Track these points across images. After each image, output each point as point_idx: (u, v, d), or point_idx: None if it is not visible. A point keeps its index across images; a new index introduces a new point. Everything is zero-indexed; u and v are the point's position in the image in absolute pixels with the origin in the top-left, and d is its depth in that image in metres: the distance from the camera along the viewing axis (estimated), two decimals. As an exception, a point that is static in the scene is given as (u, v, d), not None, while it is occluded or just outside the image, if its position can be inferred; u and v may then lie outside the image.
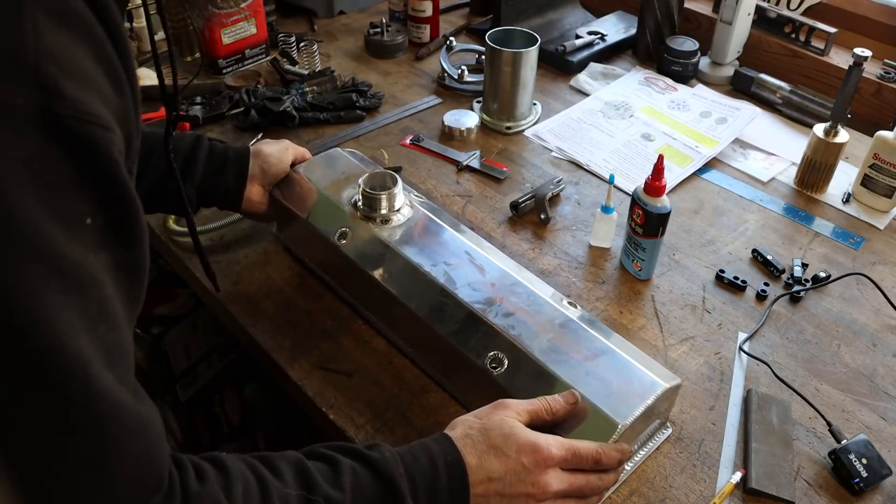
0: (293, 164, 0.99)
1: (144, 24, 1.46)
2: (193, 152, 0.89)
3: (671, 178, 1.19)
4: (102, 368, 0.44)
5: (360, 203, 0.91)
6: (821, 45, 1.40)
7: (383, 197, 0.89)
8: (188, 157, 0.89)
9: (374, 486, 0.59)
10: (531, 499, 0.64)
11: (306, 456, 0.60)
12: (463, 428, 0.66)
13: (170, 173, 0.81)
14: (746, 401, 0.85)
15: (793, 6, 1.46)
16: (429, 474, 0.61)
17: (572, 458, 0.66)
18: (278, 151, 0.96)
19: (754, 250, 1.06)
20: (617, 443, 0.69)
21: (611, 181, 1.01)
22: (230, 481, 0.53)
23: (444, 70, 1.43)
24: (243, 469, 0.55)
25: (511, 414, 0.68)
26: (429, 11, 1.54)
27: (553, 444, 0.66)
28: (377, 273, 0.87)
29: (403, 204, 0.92)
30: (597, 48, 1.52)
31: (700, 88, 1.43)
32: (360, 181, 0.90)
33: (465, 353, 0.79)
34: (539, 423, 0.69)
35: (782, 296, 0.99)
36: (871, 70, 1.32)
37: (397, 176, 0.91)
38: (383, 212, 0.90)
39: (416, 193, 0.98)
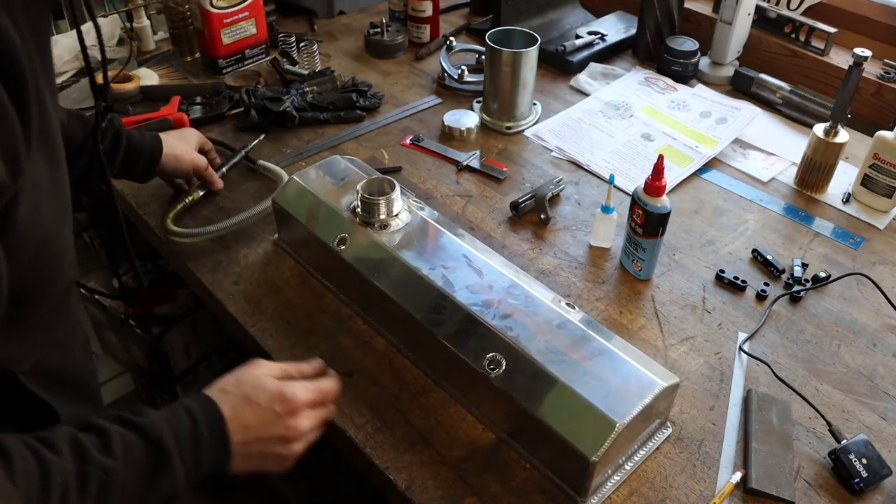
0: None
1: (145, 23, 1.46)
2: (114, 147, 0.98)
3: (671, 178, 1.19)
4: None
5: (358, 209, 0.92)
6: (821, 45, 1.40)
7: (381, 202, 0.90)
8: (109, 151, 0.97)
9: (142, 449, 0.62)
10: (286, 441, 0.71)
11: (79, 429, 0.62)
12: (218, 385, 0.72)
13: (98, 163, 0.85)
14: (746, 401, 0.85)
15: (793, 6, 1.46)
16: (190, 430, 0.66)
17: (318, 398, 0.75)
18: (185, 153, 1.06)
19: (754, 250, 1.06)
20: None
21: (611, 181, 1.01)
22: (12, 465, 0.55)
23: (444, 70, 1.43)
24: (21, 450, 0.57)
25: (262, 368, 0.74)
26: (429, 11, 1.54)
27: (299, 389, 0.73)
28: (376, 278, 0.87)
29: (401, 209, 0.92)
30: (597, 48, 1.52)
31: (700, 88, 1.43)
32: (359, 187, 0.91)
33: (464, 356, 0.79)
34: (288, 379, 0.75)
35: (782, 296, 0.99)
36: (871, 70, 1.32)
37: (395, 181, 0.91)
38: (382, 217, 0.91)
39: (414, 198, 0.98)
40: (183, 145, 1.06)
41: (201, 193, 1.11)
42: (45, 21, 0.62)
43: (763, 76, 1.40)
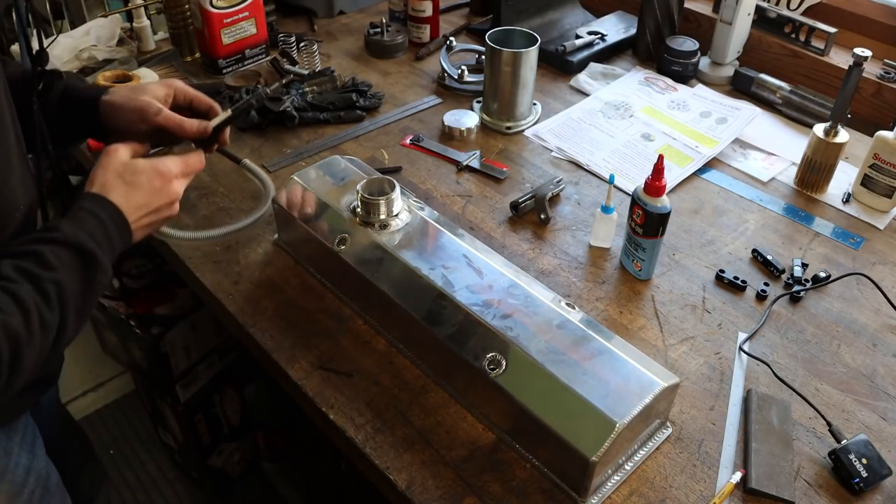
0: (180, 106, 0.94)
1: (145, 23, 1.46)
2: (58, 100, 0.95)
3: (671, 178, 1.19)
4: None
5: (358, 209, 0.92)
6: (821, 45, 1.40)
7: (381, 202, 0.90)
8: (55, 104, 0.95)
9: (72, 255, 0.72)
10: (170, 204, 0.83)
11: (15, 258, 0.70)
12: (98, 182, 0.79)
13: (36, 123, 0.86)
14: (746, 401, 0.85)
15: (793, 6, 1.46)
16: (100, 227, 0.75)
17: (185, 169, 0.85)
18: (128, 100, 0.91)
19: (754, 250, 1.06)
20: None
21: (611, 181, 1.01)
22: None
23: (444, 70, 1.43)
24: None
25: (122, 153, 0.81)
26: (429, 11, 1.54)
27: (169, 163, 0.82)
28: (376, 278, 0.87)
29: (401, 209, 0.92)
30: (597, 48, 1.52)
31: (700, 88, 1.43)
32: (359, 187, 0.91)
33: (464, 356, 0.79)
34: (142, 153, 0.85)
35: (782, 296, 0.99)
36: (871, 70, 1.32)
37: (395, 181, 0.91)
38: (381, 217, 0.91)
39: (414, 198, 0.98)
40: (131, 91, 0.91)
41: (183, 144, 0.93)
42: None
43: (763, 76, 1.40)
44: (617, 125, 1.33)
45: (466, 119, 1.30)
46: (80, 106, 0.93)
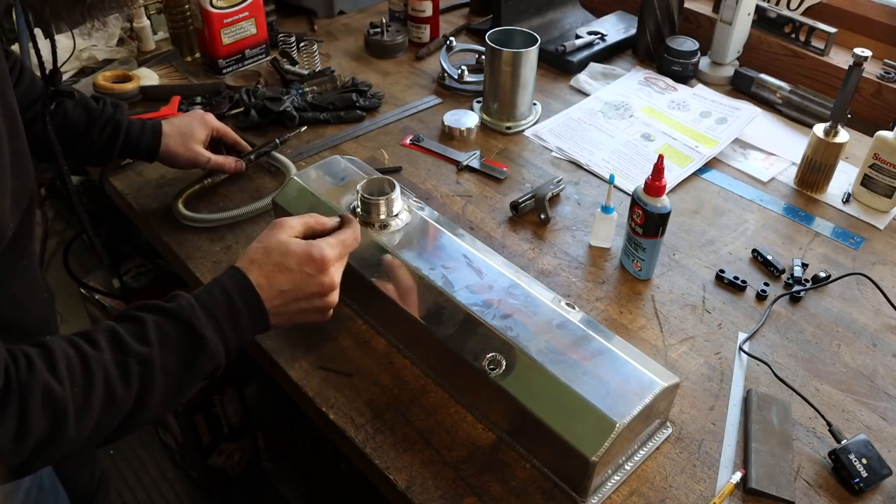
0: (216, 143, 1.11)
1: (145, 23, 1.46)
2: (112, 139, 1.02)
3: (671, 178, 1.19)
4: None
5: (358, 209, 0.92)
6: (821, 45, 1.40)
7: (381, 202, 0.90)
8: (107, 141, 1.01)
9: (176, 333, 0.67)
10: (321, 296, 0.77)
11: (117, 321, 0.67)
12: (248, 256, 0.76)
13: (49, 147, 0.87)
14: (746, 401, 0.85)
15: (793, 6, 1.46)
16: (225, 305, 0.70)
17: (343, 251, 0.79)
18: (184, 150, 1.06)
19: (754, 250, 1.06)
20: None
21: (611, 181, 1.01)
22: (54, 361, 0.60)
23: (444, 70, 1.43)
24: (65, 347, 0.62)
25: (286, 231, 0.78)
26: (429, 11, 1.54)
27: (325, 247, 0.77)
28: (376, 278, 0.87)
29: (401, 209, 0.92)
30: (597, 48, 1.52)
31: (700, 88, 1.43)
32: (359, 187, 0.91)
33: (464, 356, 0.79)
34: (311, 234, 0.80)
35: (782, 296, 0.99)
36: (871, 70, 1.32)
37: (395, 181, 0.91)
38: (382, 217, 0.91)
39: (414, 198, 0.98)
40: (184, 141, 1.06)
41: (222, 177, 1.13)
42: None
43: (763, 76, 1.40)
44: (617, 125, 1.33)
45: (466, 119, 1.30)
46: (136, 151, 1.04)
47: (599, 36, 1.54)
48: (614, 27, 1.59)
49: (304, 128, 1.25)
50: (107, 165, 1.12)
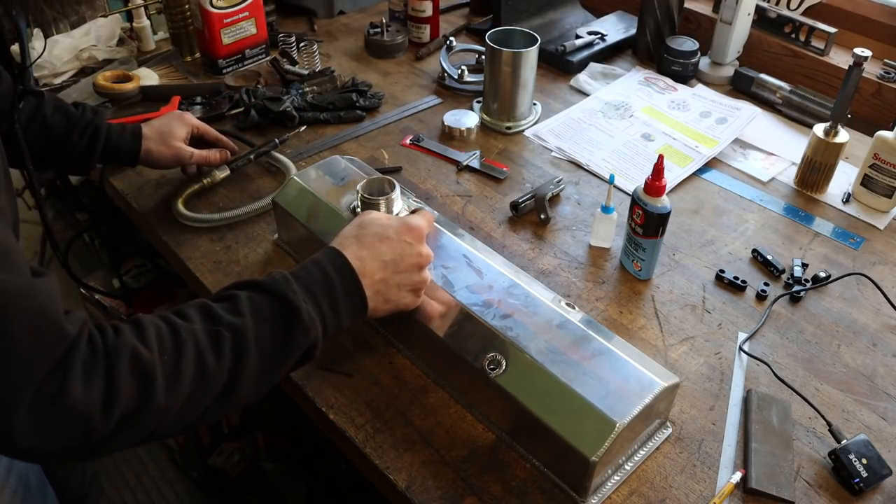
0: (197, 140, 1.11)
1: (145, 23, 1.46)
2: (92, 143, 1.01)
3: (671, 178, 1.19)
4: None
5: (358, 209, 0.92)
6: (821, 45, 1.40)
7: (381, 202, 0.90)
8: (87, 146, 1.01)
9: (270, 305, 0.66)
10: (419, 268, 0.78)
11: (211, 299, 0.66)
12: (343, 235, 0.77)
13: (16, 148, 0.86)
14: (746, 401, 0.85)
15: (793, 6, 1.46)
16: (321, 280, 0.70)
17: (429, 226, 0.82)
18: (164, 149, 1.06)
19: (754, 250, 1.06)
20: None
21: (611, 181, 1.01)
22: (143, 330, 0.60)
23: (444, 70, 1.43)
24: (155, 320, 0.62)
25: (376, 213, 0.80)
26: (429, 11, 1.54)
27: (419, 219, 0.80)
28: None
29: (401, 209, 0.92)
30: (597, 48, 1.52)
31: (700, 88, 1.43)
32: (359, 187, 0.91)
33: (464, 356, 0.79)
34: None
35: (782, 296, 0.99)
36: (871, 70, 1.32)
37: (395, 181, 0.91)
38: None
39: (414, 198, 0.98)
40: (164, 139, 1.05)
41: (221, 176, 1.12)
42: None
43: (763, 76, 1.40)
44: (617, 125, 1.33)
45: (466, 119, 1.30)
46: (116, 155, 1.03)
47: (599, 36, 1.54)
48: (614, 27, 1.59)
49: (303, 127, 1.25)
50: (88, 173, 1.12)
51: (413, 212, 0.85)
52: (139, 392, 0.57)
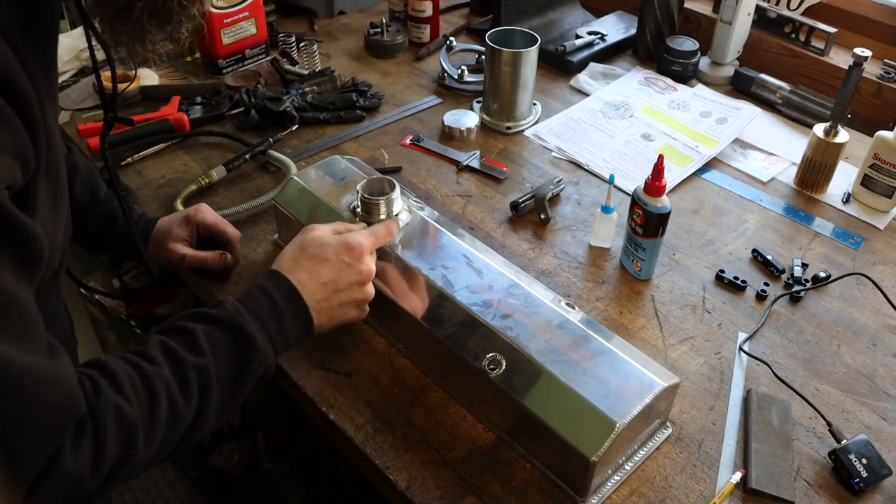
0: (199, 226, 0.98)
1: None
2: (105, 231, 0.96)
3: (671, 178, 1.19)
4: (9, 347, 0.51)
5: (358, 209, 0.92)
6: (821, 45, 1.40)
7: (381, 202, 0.90)
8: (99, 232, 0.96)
9: (225, 339, 0.68)
10: (360, 285, 0.79)
11: (165, 333, 0.67)
12: (284, 258, 0.78)
13: (114, 192, 0.85)
14: (746, 401, 0.85)
15: (793, 6, 1.46)
16: (269, 306, 0.72)
17: (375, 241, 0.82)
18: (166, 255, 0.96)
19: (754, 250, 1.06)
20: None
21: (611, 181, 1.01)
22: (119, 382, 0.60)
23: (444, 70, 1.43)
24: (125, 367, 0.62)
25: (316, 230, 0.80)
26: (429, 11, 1.54)
27: (359, 237, 0.80)
28: (376, 278, 0.87)
29: (401, 209, 0.92)
30: (597, 48, 1.52)
31: (700, 88, 1.43)
32: (359, 187, 0.91)
33: (464, 356, 0.79)
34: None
35: (782, 296, 0.99)
36: (871, 70, 1.32)
37: (395, 181, 0.91)
38: (382, 217, 0.90)
39: (414, 198, 0.98)
40: (160, 240, 0.96)
41: (217, 177, 1.13)
42: (50, 47, 0.64)
43: (763, 76, 1.40)
44: (617, 125, 1.33)
45: (466, 119, 1.30)
46: (126, 251, 0.97)
47: (599, 36, 1.54)
48: (614, 27, 1.59)
49: (295, 126, 1.25)
50: (96, 254, 1.04)
51: (369, 224, 0.86)
52: (123, 446, 0.59)
